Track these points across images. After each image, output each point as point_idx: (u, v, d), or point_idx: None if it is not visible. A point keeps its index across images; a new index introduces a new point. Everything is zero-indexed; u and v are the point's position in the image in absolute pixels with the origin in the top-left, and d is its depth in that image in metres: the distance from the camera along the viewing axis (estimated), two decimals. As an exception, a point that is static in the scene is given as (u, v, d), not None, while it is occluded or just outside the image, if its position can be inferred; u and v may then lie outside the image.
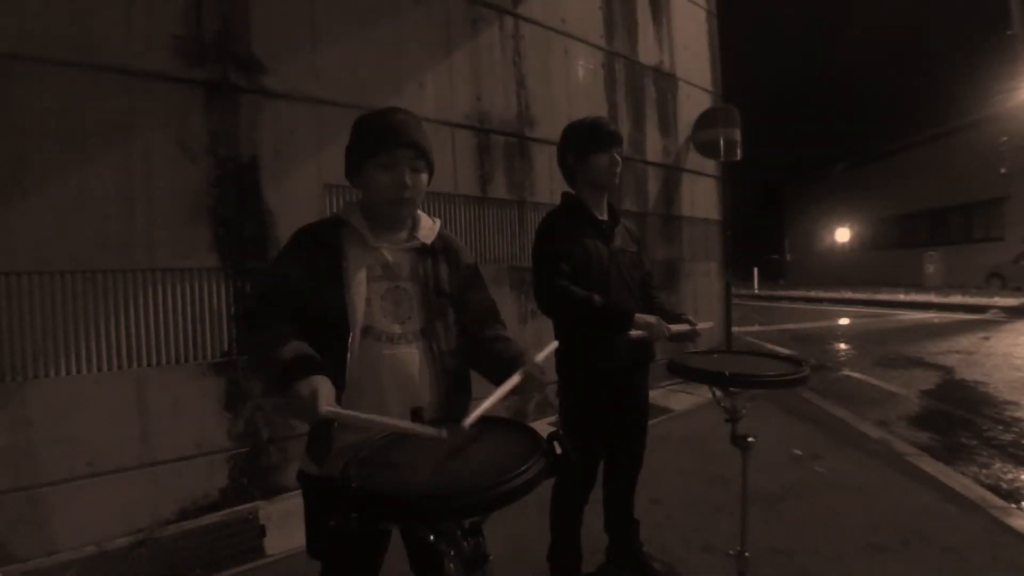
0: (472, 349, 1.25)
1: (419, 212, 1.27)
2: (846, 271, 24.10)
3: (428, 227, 1.26)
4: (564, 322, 1.84)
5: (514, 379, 1.06)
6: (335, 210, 1.31)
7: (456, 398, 1.22)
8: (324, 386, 0.93)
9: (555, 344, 1.22)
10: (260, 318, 1.09)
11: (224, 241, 2.69)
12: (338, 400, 0.97)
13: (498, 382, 1.13)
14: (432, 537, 0.83)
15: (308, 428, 1.19)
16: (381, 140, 1.15)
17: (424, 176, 1.21)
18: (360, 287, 1.13)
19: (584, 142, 1.82)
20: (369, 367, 1.11)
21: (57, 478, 2.27)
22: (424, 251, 1.22)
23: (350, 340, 1.10)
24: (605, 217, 1.89)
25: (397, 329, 1.15)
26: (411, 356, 1.15)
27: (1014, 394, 4.74)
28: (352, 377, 1.09)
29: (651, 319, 1.65)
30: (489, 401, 0.97)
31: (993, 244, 17.14)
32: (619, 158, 1.83)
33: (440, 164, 1.26)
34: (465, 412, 1.25)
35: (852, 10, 24.54)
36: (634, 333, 1.63)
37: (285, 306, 1.10)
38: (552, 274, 1.72)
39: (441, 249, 1.26)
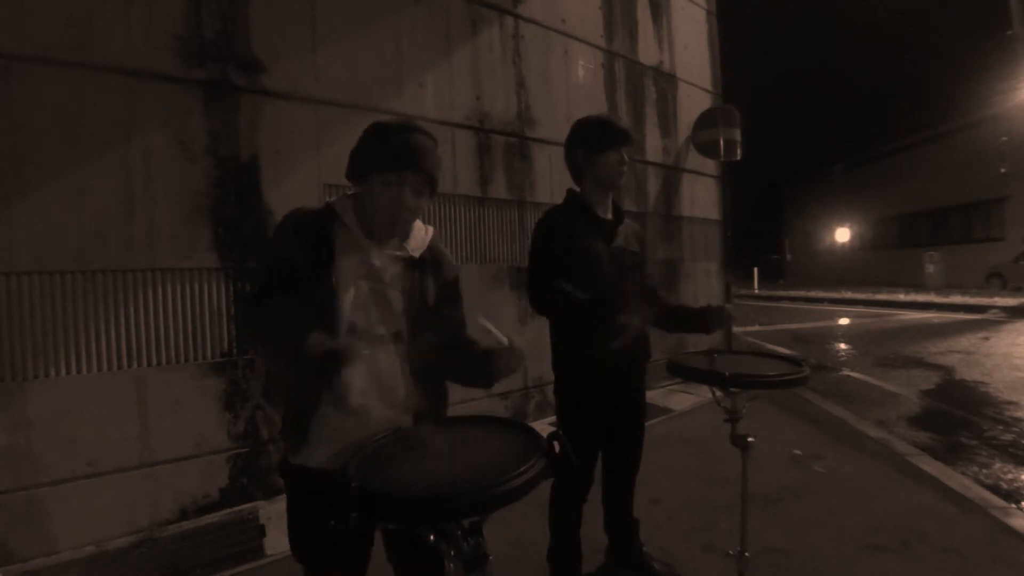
0: (441, 360, 1.24)
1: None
2: (846, 271, 24.09)
3: (419, 238, 1.25)
4: (561, 321, 1.83)
5: (503, 338, 1.09)
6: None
7: (433, 405, 1.23)
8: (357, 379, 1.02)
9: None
10: (274, 297, 1.11)
11: (224, 241, 2.69)
12: (320, 396, 1.11)
13: (468, 379, 1.18)
14: (432, 537, 0.83)
15: (283, 417, 1.21)
16: (393, 160, 1.13)
17: (425, 198, 1.20)
18: (348, 285, 1.14)
19: (596, 138, 1.81)
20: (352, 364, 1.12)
21: (57, 478, 2.27)
22: (412, 262, 1.22)
23: (337, 336, 1.11)
24: (609, 216, 1.89)
25: (377, 329, 1.16)
26: (390, 357, 1.17)
27: (1014, 394, 4.74)
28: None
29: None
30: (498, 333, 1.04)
31: (993, 244, 17.13)
32: (627, 157, 1.83)
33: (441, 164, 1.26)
34: (441, 416, 1.26)
35: (852, 10, 24.52)
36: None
37: (291, 289, 1.11)
38: (550, 274, 1.72)
39: (430, 261, 1.26)
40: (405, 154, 1.13)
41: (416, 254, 1.22)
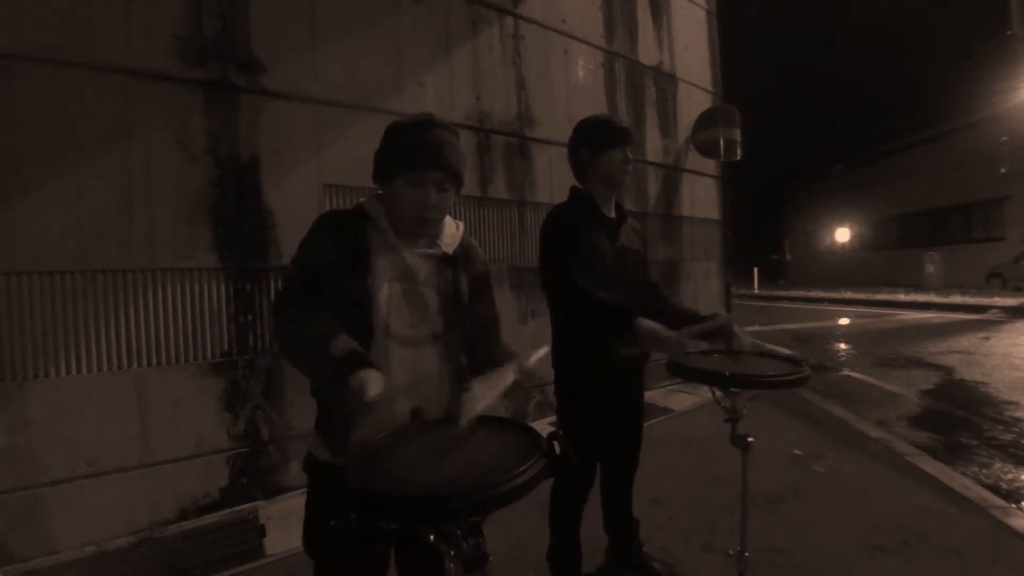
0: (469, 361, 1.23)
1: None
2: (846, 271, 24.09)
3: (451, 234, 1.24)
4: (567, 319, 1.83)
5: (508, 377, 1.05)
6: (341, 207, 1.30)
7: None
8: (374, 379, 0.94)
9: (546, 349, 1.20)
10: (298, 303, 1.10)
11: (224, 241, 2.69)
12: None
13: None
14: (432, 537, 0.82)
15: (318, 409, 1.19)
16: (416, 159, 1.12)
17: (451, 194, 1.19)
18: (382, 286, 1.13)
19: (600, 138, 1.81)
20: (384, 366, 1.11)
21: (57, 478, 2.27)
22: (446, 260, 1.21)
23: (373, 339, 1.11)
24: (613, 215, 1.89)
25: (411, 331, 1.15)
26: (425, 359, 1.16)
27: (1014, 394, 4.74)
28: None
29: (658, 330, 1.58)
30: (484, 400, 0.98)
31: (993, 244, 17.13)
32: (631, 156, 1.83)
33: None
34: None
35: (852, 10, 24.52)
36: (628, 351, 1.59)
37: (321, 292, 1.10)
38: (576, 270, 1.70)
39: (462, 257, 1.25)
40: (425, 152, 1.12)
41: (449, 250, 1.22)
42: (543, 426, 3.75)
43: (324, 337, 1.01)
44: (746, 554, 1.73)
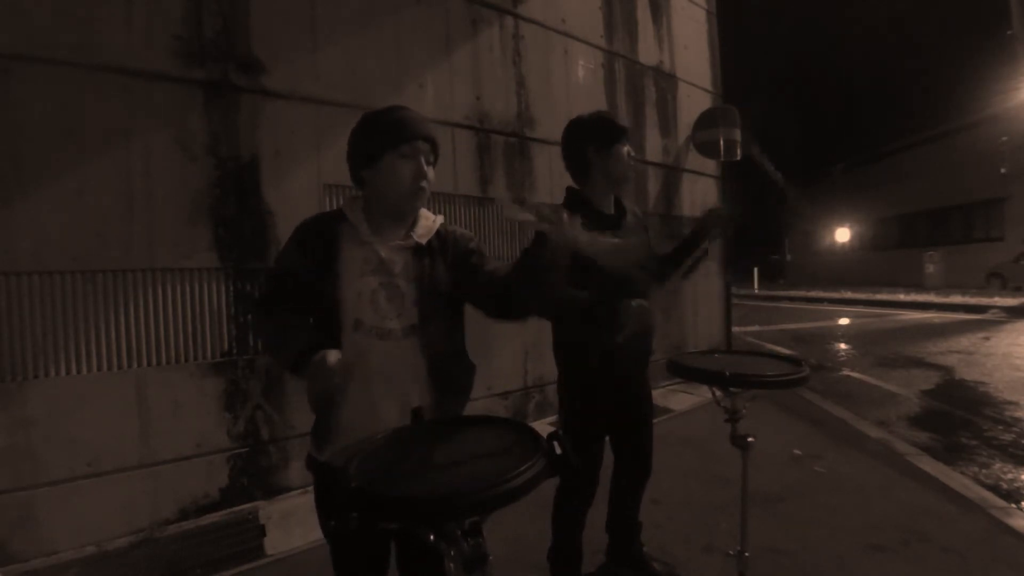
0: (510, 282, 1.15)
1: (421, 209, 1.27)
2: (846, 271, 24.07)
3: (426, 226, 1.24)
4: (564, 318, 1.83)
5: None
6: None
7: (449, 398, 1.22)
8: (332, 353, 1.02)
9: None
10: (272, 306, 1.19)
11: (224, 241, 2.69)
12: (338, 393, 1.10)
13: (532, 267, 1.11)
14: (432, 537, 0.82)
15: (314, 415, 1.22)
16: (402, 131, 1.18)
17: (433, 168, 1.24)
18: (352, 281, 1.15)
19: (606, 134, 1.81)
20: (359, 360, 1.13)
21: (57, 478, 2.27)
22: (420, 250, 1.22)
23: (341, 333, 1.13)
24: (612, 211, 1.89)
25: (388, 324, 1.16)
26: (401, 351, 1.16)
27: (1014, 394, 4.73)
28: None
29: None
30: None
31: (993, 244, 17.10)
32: (632, 151, 1.86)
33: (440, 164, 1.26)
34: (459, 413, 1.25)
35: (852, 10, 24.51)
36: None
37: (292, 297, 1.17)
38: None
39: (439, 247, 1.25)
40: (410, 125, 1.19)
41: (423, 240, 1.22)
42: (543, 426, 3.75)
43: (291, 336, 1.09)
44: (746, 554, 1.73)
